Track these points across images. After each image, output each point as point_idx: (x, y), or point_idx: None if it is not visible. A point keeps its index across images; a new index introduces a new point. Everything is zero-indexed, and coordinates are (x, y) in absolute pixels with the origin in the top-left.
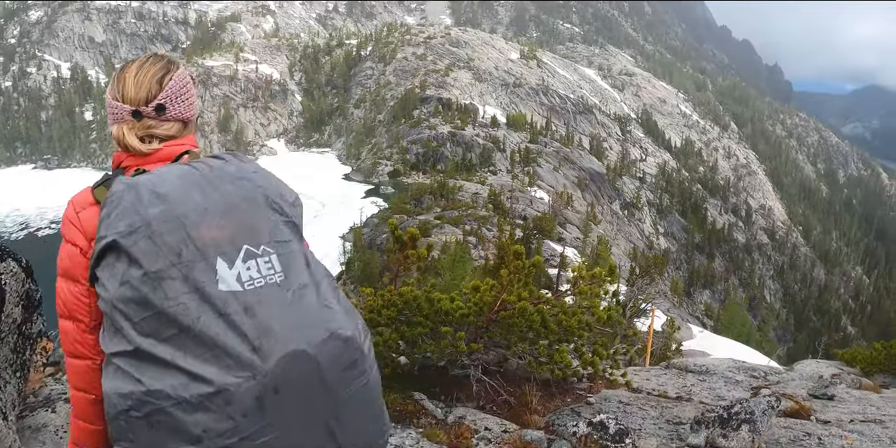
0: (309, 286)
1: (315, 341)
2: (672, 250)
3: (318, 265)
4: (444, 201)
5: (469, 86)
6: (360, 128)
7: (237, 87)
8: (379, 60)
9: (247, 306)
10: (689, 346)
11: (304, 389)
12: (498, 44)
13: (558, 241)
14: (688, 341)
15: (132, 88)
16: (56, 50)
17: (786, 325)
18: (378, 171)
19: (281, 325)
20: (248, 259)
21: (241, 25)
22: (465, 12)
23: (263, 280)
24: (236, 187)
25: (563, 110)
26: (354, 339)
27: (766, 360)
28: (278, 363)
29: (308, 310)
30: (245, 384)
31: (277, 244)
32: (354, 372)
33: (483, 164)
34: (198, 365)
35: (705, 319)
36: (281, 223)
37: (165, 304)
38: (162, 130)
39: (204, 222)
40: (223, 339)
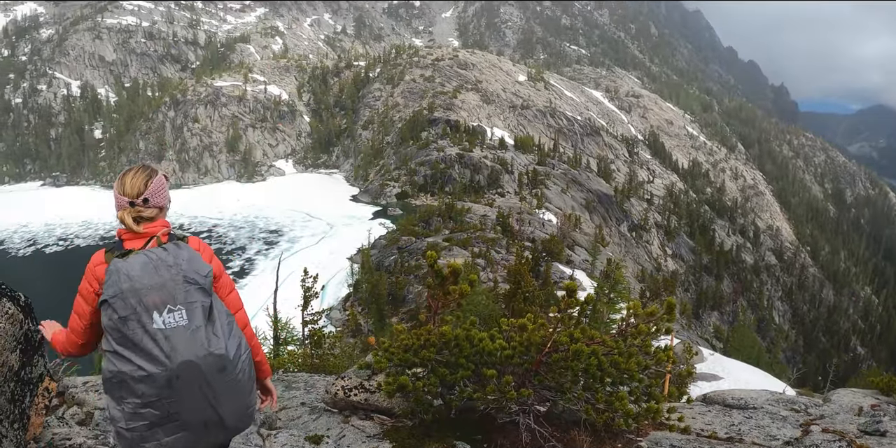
0: (202, 327)
1: (199, 355)
2: (680, 272)
3: (220, 308)
4: (452, 223)
5: (477, 108)
6: (367, 149)
7: (246, 107)
8: (387, 82)
9: (166, 336)
10: (702, 369)
11: (193, 379)
12: (505, 66)
13: (567, 263)
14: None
15: (129, 188)
16: (66, 68)
17: (795, 347)
18: (386, 192)
19: (181, 346)
20: (169, 312)
21: (250, 46)
22: (473, 34)
23: (175, 323)
24: (168, 272)
25: (570, 132)
26: (225, 356)
27: (781, 384)
28: (179, 365)
29: (198, 339)
30: (162, 373)
31: (187, 304)
32: (225, 373)
33: (491, 186)
34: (141, 360)
35: (714, 341)
36: (193, 290)
37: (127, 332)
38: (147, 214)
39: (149, 293)
40: (154, 351)
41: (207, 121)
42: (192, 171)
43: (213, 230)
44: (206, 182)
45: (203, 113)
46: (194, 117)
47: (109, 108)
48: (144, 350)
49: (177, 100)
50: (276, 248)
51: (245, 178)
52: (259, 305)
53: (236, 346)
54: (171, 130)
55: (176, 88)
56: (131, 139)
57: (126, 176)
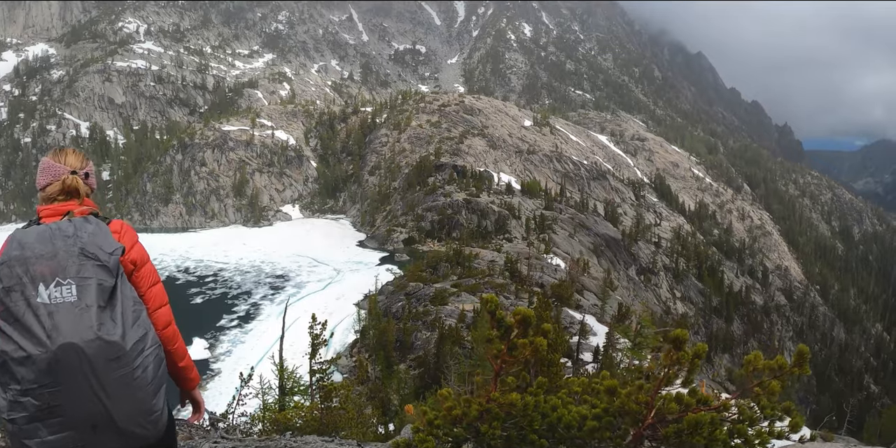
0: (93, 307)
1: (86, 339)
2: (690, 314)
3: (127, 294)
4: (460, 269)
5: (483, 153)
6: (374, 194)
7: (253, 152)
8: (394, 128)
9: (50, 312)
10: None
11: (76, 365)
12: (511, 111)
13: (576, 308)
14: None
15: (72, 158)
16: (76, 109)
17: (808, 387)
18: (393, 238)
19: (65, 326)
20: (57, 286)
21: (257, 92)
22: (478, 80)
23: (63, 299)
24: (63, 243)
25: (576, 176)
26: (118, 343)
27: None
28: (60, 347)
29: (86, 320)
30: (42, 355)
31: (79, 279)
32: (118, 364)
33: (498, 232)
34: (21, 338)
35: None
36: (90, 265)
37: (10, 304)
38: (84, 189)
39: (38, 263)
40: (34, 329)
41: (215, 165)
42: (198, 215)
43: (219, 274)
44: (213, 226)
45: (210, 157)
46: (202, 161)
47: (117, 150)
48: (25, 326)
49: (184, 143)
50: (282, 292)
51: (251, 222)
52: (265, 350)
53: (139, 336)
54: (179, 173)
55: (184, 132)
56: (138, 181)
57: (66, 150)
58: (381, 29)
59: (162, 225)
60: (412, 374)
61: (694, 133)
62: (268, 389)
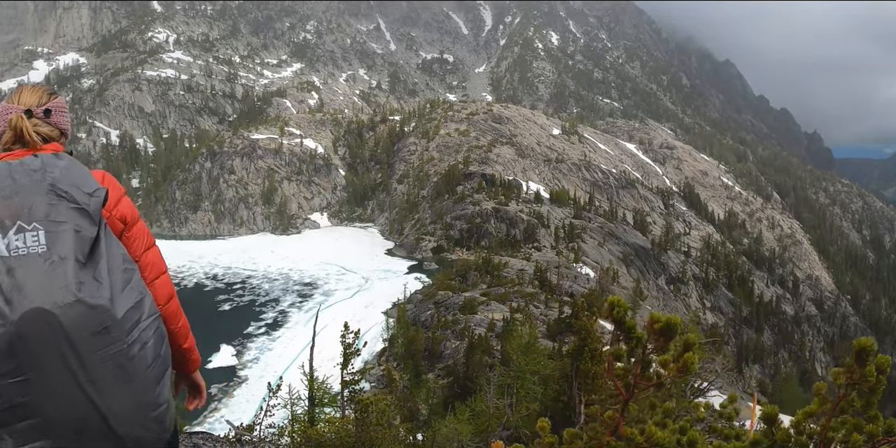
0: (68, 260)
1: (59, 303)
2: (720, 325)
3: (113, 248)
4: (489, 278)
5: (512, 161)
6: (403, 203)
7: (282, 160)
8: (422, 136)
9: (9, 268)
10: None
11: (48, 342)
12: (539, 119)
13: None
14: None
15: (27, 95)
16: (106, 117)
17: None
18: (421, 246)
19: (32, 286)
20: (19, 232)
21: (286, 100)
22: (506, 89)
23: (27, 249)
24: (27, 179)
25: (605, 185)
26: (105, 308)
27: None
28: (23, 316)
29: (59, 277)
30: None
31: (49, 223)
32: (106, 338)
33: (527, 241)
34: None
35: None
36: (64, 207)
37: None
38: (46, 130)
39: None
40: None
41: (243, 173)
42: (227, 223)
43: (247, 281)
44: (241, 233)
45: (239, 165)
46: (230, 169)
47: (147, 158)
48: None
49: (213, 151)
50: (310, 300)
51: (280, 230)
52: (292, 358)
53: (133, 302)
54: (208, 181)
55: (213, 140)
56: (168, 189)
57: (24, 86)
58: (409, 38)
59: (191, 232)
60: (441, 383)
61: (723, 141)
62: (296, 400)
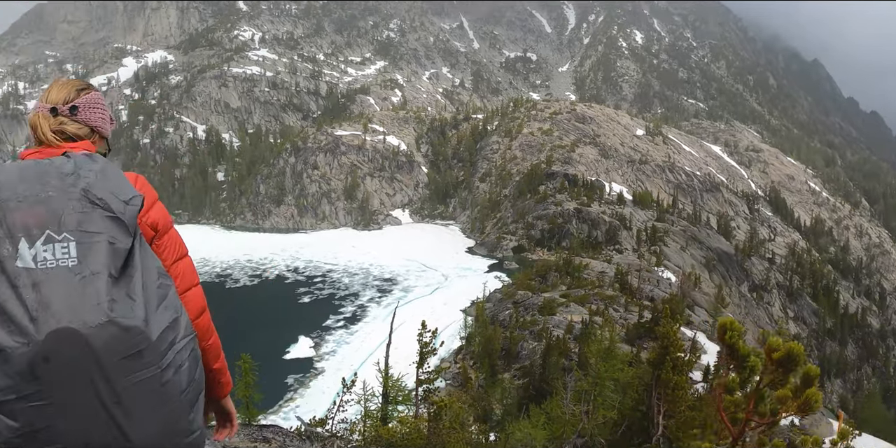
0: (101, 275)
1: (91, 323)
2: (802, 336)
3: (147, 261)
4: (569, 279)
5: (595, 162)
6: (485, 201)
7: (365, 156)
8: (505, 135)
9: (35, 282)
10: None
11: (75, 365)
12: (623, 120)
13: (687, 324)
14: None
15: (55, 92)
16: (193, 112)
17: None
18: (502, 245)
19: (59, 303)
20: (48, 242)
21: (369, 98)
22: (590, 88)
23: (56, 262)
24: (59, 182)
25: (689, 188)
26: (139, 330)
27: None
28: (49, 336)
29: (91, 295)
30: (20, 349)
31: (81, 233)
32: (139, 362)
33: (609, 242)
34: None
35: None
36: (98, 216)
37: None
38: (73, 128)
39: (19, 208)
40: (9, 307)
41: (327, 168)
42: (309, 217)
43: (328, 275)
44: (323, 227)
45: (323, 160)
46: (314, 164)
47: (232, 153)
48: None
49: (297, 147)
50: (389, 296)
51: (361, 225)
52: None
53: (168, 322)
54: (291, 176)
55: (297, 136)
56: (252, 183)
57: (56, 82)
58: (492, 36)
59: (273, 225)
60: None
61: (810, 144)
62: (370, 396)
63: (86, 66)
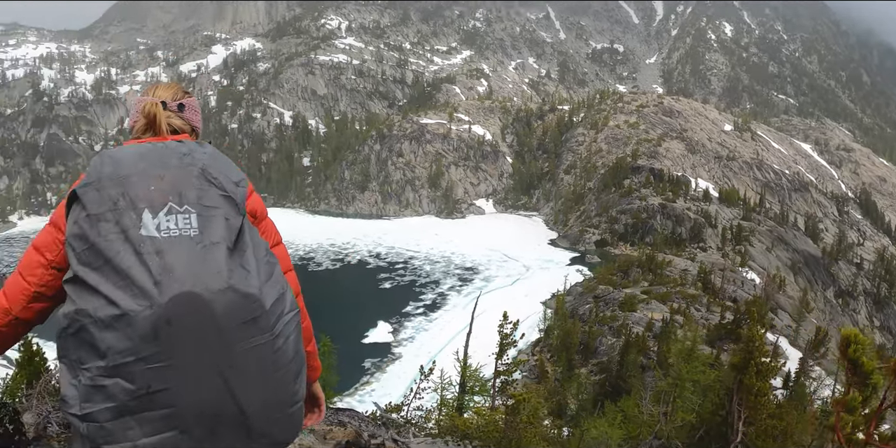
0: (220, 245)
1: (213, 288)
2: (887, 347)
3: (256, 239)
4: (651, 275)
5: (681, 157)
6: (569, 194)
7: (450, 145)
8: (591, 127)
9: (158, 249)
10: None
11: (196, 328)
12: (711, 114)
13: (769, 328)
14: None
15: (162, 90)
16: (280, 99)
17: None
18: (585, 239)
19: (183, 269)
20: (170, 214)
21: (455, 87)
22: (677, 81)
23: (179, 231)
24: (180, 159)
25: (777, 186)
26: (256, 297)
27: None
28: (173, 299)
29: (212, 262)
30: (143, 312)
31: (201, 207)
32: (254, 328)
33: (693, 240)
34: (113, 291)
35: None
36: (214, 193)
37: (97, 239)
38: (178, 122)
39: (141, 183)
40: (134, 272)
41: (411, 156)
42: (393, 203)
43: (409, 262)
44: (406, 215)
45: (408, 148)
46: (399, 152)
47: (318, 139)
48: (120, 270)
49: (383, 134)
50: (469, 285)
51: (445, 214)
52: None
53: (277, 295)
54: (376, 163)
55: (383, 123)
56: (337, 168)
57: (160, 83)
58: (579, 27)
59: (357, 211)
60: (593, 379)
61: None
62: (447, 385)
63: (176, 53)
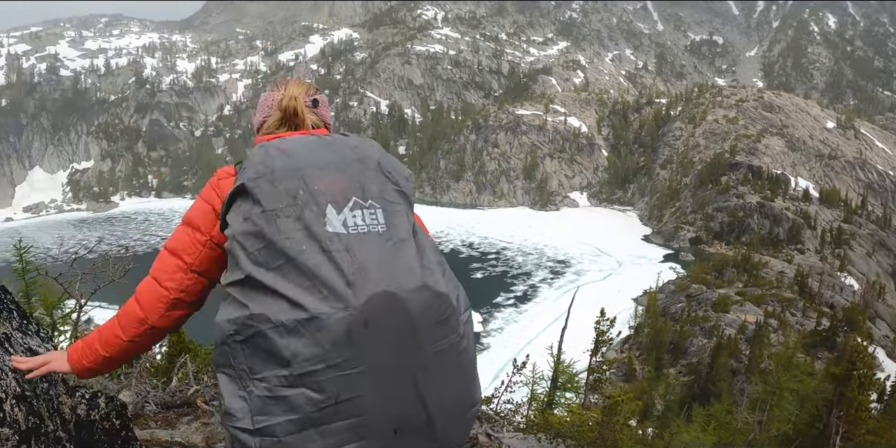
0: (408, 242)
1: (407, 287)
2: None
3: (426, 237)
4: (746, 276)
5: (781, 154)
6: (664, 189)
7: (545, 136)
8: (688, 121)
9: (348, 246)
10: None
11: (393, 330)
12: (813, 110)
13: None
14: None
15: (294, 87)
16: (377, 88)
17: None
18: (679, 236)
19: (376, 267)
20: (356, 209)
21: (551, 78)
22: (778, 75)
23: (367, 227)
24: (353, 152)
25: (881, 188)
26: (448, 296)
27: None
28: (369, 299)
29: (404, 259)
30: (336, 314)
31: (385, 202)
32: (446, 328)
33: (791, 241)
34: (297, 292)
35: None
36: (391, 189)
37: (277, 236)
38: (314, 118)
39: (319, 175)
40: (322, 272)
41: (507, 147)
42: (487, 194)
43: (502, 253)
44: (500, 205)
45: (503, 139)
46: (494, 142)
47: (414, 127)
48: (305, 269)
49: (478, 124)
50: (561, 278)
51: (539, 205)
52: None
53: (456, 293)
54: (471, 153)
55: (478, 114)
56: (432, 157)
57: (290, 79)
58: (677, 18)
59: (451, 200)
60: (681, 380)
61: None
62: (538, 379)
63: (274, 43)
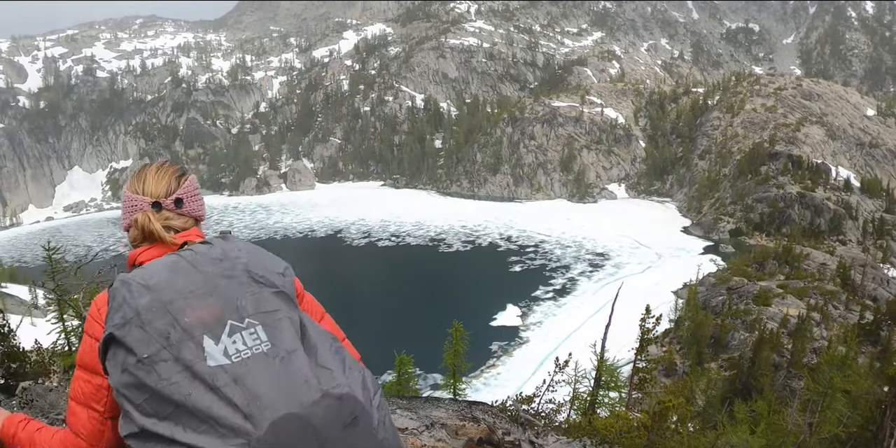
0: (298, 351)
1: (306, 403)
2: None
3: (316, 328)
4: (788, 268)
5: (821, 143)
6: (703, 180)
7: (582, 128)
8: (726, 111)
9: (235, 377)
10: None
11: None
12: (852, 98)
13: None
14: None
15: (153, 183)
16: (411, 82)
17: None
18: (719, 227)
19: (270, 392)
20: (234, 333)
21: (587, 69)
22: (816, 63)
23: (250, 351)
24: (217, 268)
25: None
26: (350, 396)
27: None
28: (270, 428)
29: (296, 373)
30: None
31: (263, 315)
32: (357, 429)
33: (832, 232)
34: (195, 437)
35: None
36: (267, 294)
37: (159, 384)
38: (179, 223)
39: (188, 305)
40: (215, 411)
41: (543, 139)
42: (524, 186)
43: (540, 246)
44: (538, 198)
45: (539, 131)
46: (531, 135)
47: (450, 121)
48: (197, 413)
49: (514, 117)
50: (600, 271)
51: (576, 198)
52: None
53: (360, 382)
54: (508, 145)
55: (514, 106)
56: (469, 151)
57: (148, 170)
58: (712, 6)
59: (488, 193)
60: (723, 375)
61: None
62: (581, 379)
63: (308, 40)
